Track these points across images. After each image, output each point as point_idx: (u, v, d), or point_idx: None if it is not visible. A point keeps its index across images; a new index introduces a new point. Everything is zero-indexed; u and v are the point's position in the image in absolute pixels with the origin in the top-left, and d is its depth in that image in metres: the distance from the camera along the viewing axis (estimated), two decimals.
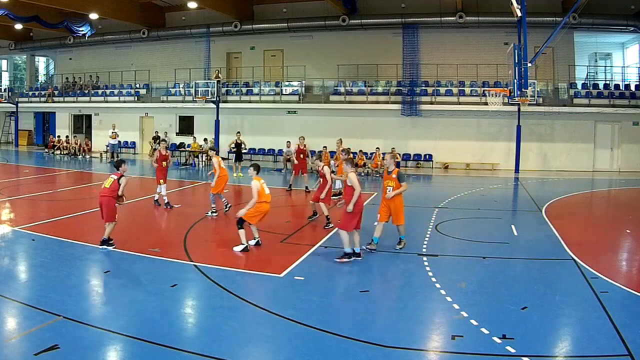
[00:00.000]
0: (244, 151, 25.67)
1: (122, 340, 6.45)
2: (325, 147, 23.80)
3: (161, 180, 15.29)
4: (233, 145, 25.07)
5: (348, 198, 10.11)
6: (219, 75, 32.14)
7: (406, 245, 11.02)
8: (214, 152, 15.77)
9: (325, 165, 13.82)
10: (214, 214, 14.31)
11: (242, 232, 10.58)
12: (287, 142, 26.36)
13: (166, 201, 15.36)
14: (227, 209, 14.72)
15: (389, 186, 10.89)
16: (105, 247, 10.54)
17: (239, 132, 25.96)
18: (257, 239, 11.03)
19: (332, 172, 14.89)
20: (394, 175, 10.84)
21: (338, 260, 9.98)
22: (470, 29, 29.22)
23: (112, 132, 29.73)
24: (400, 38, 29.67)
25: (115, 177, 10.72)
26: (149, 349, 6.21)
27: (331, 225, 12.76)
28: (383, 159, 25.20)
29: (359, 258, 10.09)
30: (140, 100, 35.35)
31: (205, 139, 30.85)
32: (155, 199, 15.77)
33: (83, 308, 7.43)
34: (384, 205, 11.00)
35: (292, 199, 18.15)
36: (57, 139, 34.30)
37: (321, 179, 13.72)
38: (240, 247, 10.56)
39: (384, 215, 10.95)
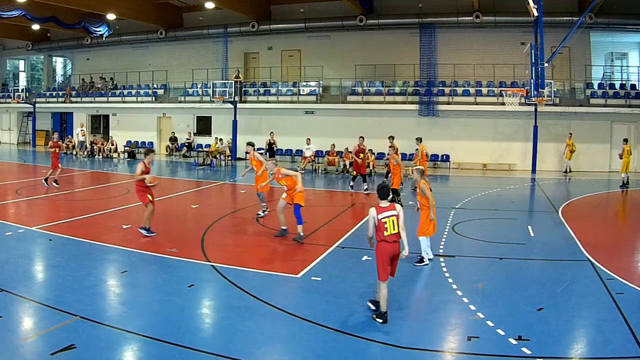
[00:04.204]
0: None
1: (139, 341, 6.51)
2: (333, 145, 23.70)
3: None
4: (266, 146, 26.70)
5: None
6: (239, 75, 32.24)
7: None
8: (252, 147, 14.48)
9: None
10: (265, 212, 14.04)
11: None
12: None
13: None
14: (262, 214, 14.08)
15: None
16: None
17: (272, 132, 27.67)
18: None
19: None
20: None
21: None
22: (487, 28, 29.01)
23: (81, 130, 33.78)
24: (418, 38, 29.53)
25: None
26: (166, 349, 6.27)
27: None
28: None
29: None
30: (158, 100, 35.56)
31: (221, 139, 31.09)
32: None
33: (100, 308, 7.50)
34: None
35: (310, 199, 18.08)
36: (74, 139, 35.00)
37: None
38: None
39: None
